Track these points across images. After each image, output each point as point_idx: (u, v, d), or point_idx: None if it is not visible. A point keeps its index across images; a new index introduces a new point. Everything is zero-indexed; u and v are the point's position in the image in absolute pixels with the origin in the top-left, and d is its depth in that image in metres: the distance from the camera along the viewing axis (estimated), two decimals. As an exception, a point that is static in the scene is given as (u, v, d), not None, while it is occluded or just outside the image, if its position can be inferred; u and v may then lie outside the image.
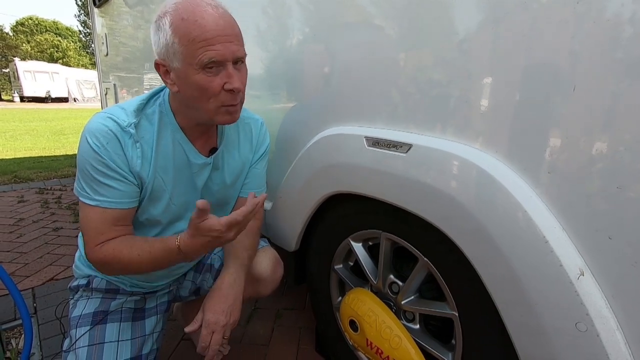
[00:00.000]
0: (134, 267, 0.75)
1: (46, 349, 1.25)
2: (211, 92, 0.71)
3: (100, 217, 0.73)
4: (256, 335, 1.35)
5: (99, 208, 0.73)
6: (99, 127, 0.71)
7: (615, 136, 0.48)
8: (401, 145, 0.73)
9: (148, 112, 0.78)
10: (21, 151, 5.18)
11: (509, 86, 0.58)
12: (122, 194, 0.74)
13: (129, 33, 2.20)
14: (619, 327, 0.51)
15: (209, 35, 0.66)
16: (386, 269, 0.91)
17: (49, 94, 22.86)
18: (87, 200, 0.73)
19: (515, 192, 0.57)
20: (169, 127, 0.80)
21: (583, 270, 0.52)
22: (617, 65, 0.47)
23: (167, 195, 0.82)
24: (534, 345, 0.59)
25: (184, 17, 0.66)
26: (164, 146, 0.79)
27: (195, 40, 0.66)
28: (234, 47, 0.70)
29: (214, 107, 0.73)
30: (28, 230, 2.28)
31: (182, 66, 0.69)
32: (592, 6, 0.48)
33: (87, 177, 0.72)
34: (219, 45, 0.67)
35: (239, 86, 0.71)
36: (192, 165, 0.84)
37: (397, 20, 0.74)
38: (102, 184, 0.72)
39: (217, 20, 0.68)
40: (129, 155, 0.73)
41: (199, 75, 0.69)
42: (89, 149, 0.70)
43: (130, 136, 0.73)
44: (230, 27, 0.70)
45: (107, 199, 0.73)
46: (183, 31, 0.66)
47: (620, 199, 0.48)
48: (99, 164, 0.71)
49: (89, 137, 0.71)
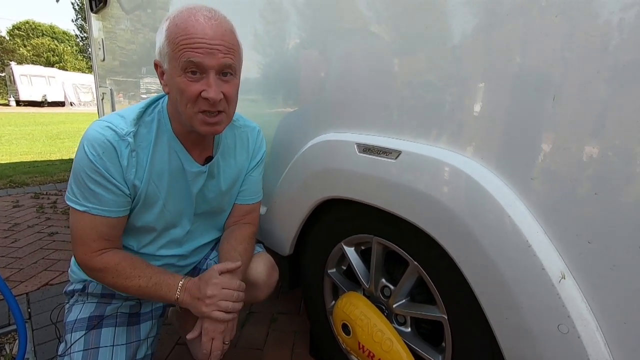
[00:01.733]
0: (127, 286, 0.79)
1: (40, 354, 1.24)
2: (188, 95, 0.72)
3: (89, 223, 0.75)
4: (251, 339, 1.36)
5: (89, 215, 0.75)
6: (97, 137, 0.73)
7: (596, 143, 0.50)
8: (391, 151, 0.75)
9: (147, 120, 0.80)
10: (17, 155, 5.15)
11: (494, 95, 0.60)
12: (112, 203, 0.76)
13: (126, 38, 2.21)
14: (599, 329, 0.52)
15: (193, 40, 0.69)
16: (378, 273, 0.93)
17: (45, 98, 22.75)
18: (77, 206, 0.75)
19: (500, 198, 0.59)
20: (166, 135, 0.81)
21: (564, 273, 0.54)
22: (601, 73, 0.49)
23: (161, 202, 0.83)
24: (519, 347, 0.61)
25: (178, 23, 0.70)
26: (160, 153, 0.80)
27: (180, 43, 0.69)
28: (218, 57, 0.71)
29: (192, 113, 0.74)
30: (23, 235, 2.27)
31: (169, 67, 0.73)
32: (576, 14, 0.50)
33: (80, 184, 0.74)
34: (201, 50, 0.69)
35: (214, 96, 0.71)
36: (187, 173, 0.85)
37: (388, 28, 0.76)
38: (94, 192, 0.74)
39: (205, 29, 0.70)
40: (124, 164, 0.75)
41: (180, 78, 0.71)
42: (86, 157, 0.72)
43: (128, 145, 0.75)
44: (219, 36, 0.71)
45: (97, 206, 0.75)
46: (173, 35, 0.70)
47: (599, 205, 0.50)
48: (93, 173, 0.73)
49: (86, 145, 0.73)
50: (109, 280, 0.78)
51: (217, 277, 0.80)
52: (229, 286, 0.79)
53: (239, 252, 0.91)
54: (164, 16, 1.82)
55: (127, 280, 0.78)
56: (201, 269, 1.05)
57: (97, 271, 0.78)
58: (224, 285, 0.79)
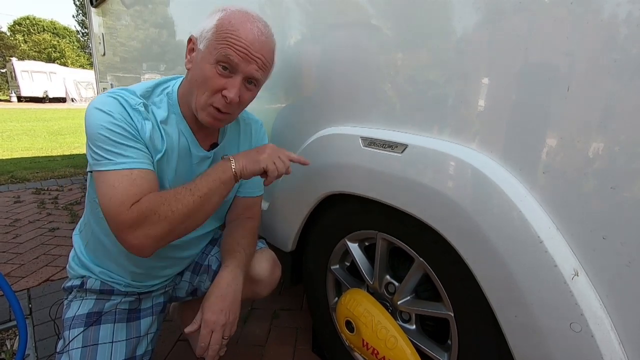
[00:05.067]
0: (183, 205, 0.70)
1: (41, 350, 1.24)
2: (210, 85, 0.73)
3: (128, 179, 0.68)
4: (253, 336, 1.35)
5: (126, 171, 0.68)
6: (108, 100, 0.71)
7: (610, 137, 0.48)
8: (397, 145, 0.73)
9: (155, 99, 0.80)
10: (18, 151, 5.15)
11: (503, 87, 0.58)
12: (142, 155, 0.72)
13: (126, 33, 2.19)
14: (613, 328, 0.51)
15: (240, 43, 0.71)
16: (382, 269, 0.91)
17: (46, 94, 22.74)
18: (111, 167, 0.68)
19: (510, 192, 0.57)
20: (175, 116, 0.81)
21: (577, 270, 0.52)
22: (612, 66, 0.47)
23: (167, 183, 0.81)
24: (528, 346, 0.59)
25: (232, 21, 0.72)
26: (170, 132, 0.80)
27: (227, 38, 0.71)
28: (253, 66, 0.74)
29: (204, 102, 0.75)
30: (24, 231, 2.26)
31: (205, 51, 0.73)
32: (586, 7, 0.48)
33: (105, 142, 0.68)
34: (241, 54, 0.72)
35: (233, 97, 0.73)
36: (193, 157, 0.85)
37: (393, 21, 0.74)
38: (124, 145, 0.69)
39: (255, 40, 0.73)
40: (140, 126, 0.73)
41: (211, 66, 0.72)
42: (102, 114, 0.69)
43: (140, 113, 0.73)
44: (260, 49, 0.74)
45: (133, 159, 0.69)
46: (223, 29, 0.72)
47: (615, 199, 0.48)
48: (116, 127, 0.69)
49: (99, 106, 0.69)
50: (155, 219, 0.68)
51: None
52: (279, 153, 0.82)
53: (243, 246, 0.90)
54: (164, 10, 1.80)
55: (177, 202, 0.70)
56: (203, 264, 1.04)
57: (141, 222, 0.67)
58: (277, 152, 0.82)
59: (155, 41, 1.85)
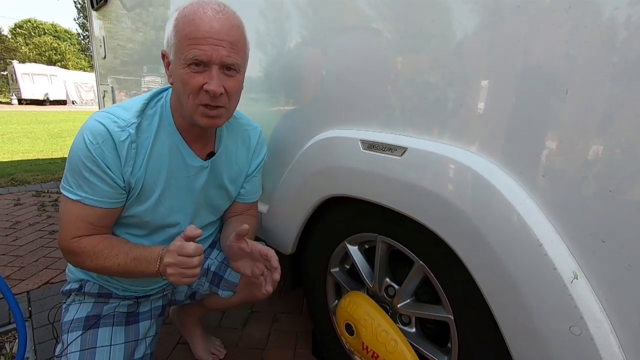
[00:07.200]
0: (106, 266, 0.76)
1: (41, 353, 1.23)
2: (190, 88, 0.72)
3: (79, 212, 0.74)
4: (252, 339, 1.35)
5: (80, 204, 0.74)
6: (97, 126, 0.72)
7: (609, 140, 0.48)
8: (396, 148, 0.73)
9: (149, 112, 0.79)
10: (18, 154, 5.15)
11: (503, 90, 0.58)
12: (105, 194, 0.75)
13: (127, 36, 2.20)
14: (612, 331, 0.50)
15: (199, 35, 0.69)
16: (382, 272, 0.91)
17: (47, 97, 22.77)
18: (70, 195, 0.74)
19: (510, 196, 0.57)
20: (167, 129, 0.80)
21: (577, 273, 0.52)
22: (611, 69, 0.47)
23: (156, 196, 0.81)
24: (528, 349, 0.59)
25: (186, 14, 0.70)
26: (159, 147, 0.79)
27: (186, 37, 0.69)
28: (223, 52, 0.70)
29: (193, 105, 0.74)
30: (24, 234, 2.26)
31: (174, 59, 0.73)
32: (585, 10, 0.48)
33: (75, 172, 0.73)
34: (206, 45, 0.69)
35: (215, 89, 0.71)
36: (189, 168, 0.84)
37: (392, 24, 0.74)
38: (88, 181, 0.73)
39: (212, 23, 0.69)
40: (123, 155, 0.74)
41: (184, 70, 0.71)
42: (84, 146, 0.71)
43: (128, 136, 0.74)
44: (225, 32, 0.70)
45: (90, 196, 0.74)
46: (180, 27, 0.70)
47: (614, 203, 0.48)
48: (90, 162, 0.72)
49: (85, 134, 0.72)
50: (88, 264, 0.76)
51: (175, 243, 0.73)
52: (183, 252, 0.71)
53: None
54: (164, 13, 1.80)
55: (105, 260, 0.76)
56: (202, 268, 1.04)
57: (75, 255, 0.76)
58: (179, 251, 0.71)
59: (155, 44, 1.86)
